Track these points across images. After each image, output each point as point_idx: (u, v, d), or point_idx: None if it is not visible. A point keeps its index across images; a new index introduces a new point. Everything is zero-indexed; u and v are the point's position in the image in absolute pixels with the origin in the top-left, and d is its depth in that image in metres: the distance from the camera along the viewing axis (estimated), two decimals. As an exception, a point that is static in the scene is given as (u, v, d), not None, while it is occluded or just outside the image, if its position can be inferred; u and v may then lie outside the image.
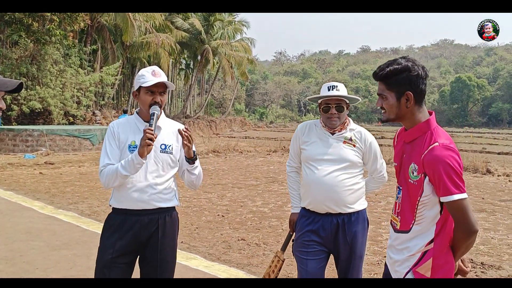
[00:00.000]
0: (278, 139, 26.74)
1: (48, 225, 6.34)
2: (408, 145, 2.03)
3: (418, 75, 1.96)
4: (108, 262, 2.46)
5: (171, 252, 2.60)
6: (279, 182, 10.83)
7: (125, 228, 2.48)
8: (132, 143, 2.51)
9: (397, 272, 2.03)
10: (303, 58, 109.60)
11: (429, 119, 2.00)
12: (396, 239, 2.06)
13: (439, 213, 1.92)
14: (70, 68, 23.54)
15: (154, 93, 2.49)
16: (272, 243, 5.62)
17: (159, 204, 2.52)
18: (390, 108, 2.01)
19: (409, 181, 1.96)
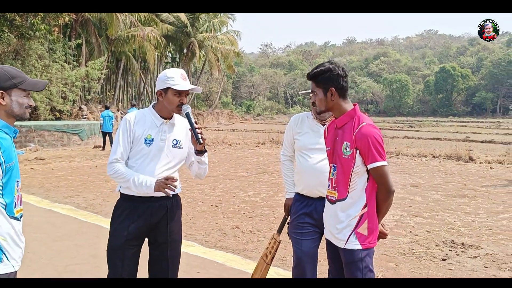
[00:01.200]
0: (266, 131, 27.00)
1: (47, 218, 6.52)
2: (339, 130, 2.50)
3: (338, 74, 2.46)
4: (122, 244, 2.67)
5: (178, 233, 2.84)
6: (269, 173, 11.10)
7: (138, 213, 2.69)
8: (148, 136, 2.70)
9: (339, 239, 2.46)
10: (289, 50, 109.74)
11: (355, 108, 2.49)
12: (334, 210, 2.49)
13: (366, 181, 2.41)
14: (55, 63, 23.40)
15: (181, 95, 2.72)
16: (265, 230, 5.88)
17: None
18: (320, 102, 2.52)
19: (343, 157, 2.43)
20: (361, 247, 2.40)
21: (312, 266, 3.11)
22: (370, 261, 2.44)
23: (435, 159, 14.34)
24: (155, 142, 2.72)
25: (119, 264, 2.68)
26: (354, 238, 2.41)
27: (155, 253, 2.78)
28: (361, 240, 2.41)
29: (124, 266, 2.68)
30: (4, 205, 2.03)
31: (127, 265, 2.68)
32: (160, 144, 2.73)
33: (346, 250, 2.43)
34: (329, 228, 2.55)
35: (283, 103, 73.28)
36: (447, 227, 6.08)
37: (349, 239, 2.42)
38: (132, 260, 2.71)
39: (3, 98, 2.07)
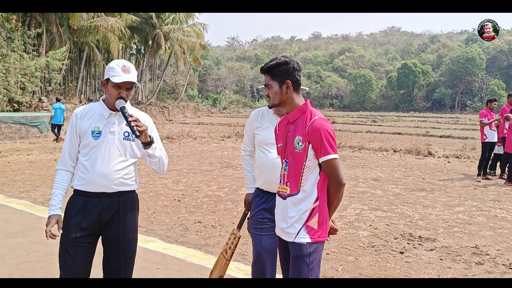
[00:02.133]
0: (232, 124, 26.92)
1: (0, 213, 6.26)
2: (291, 124, 2.49)
3: (294, 68, 2.46)
4: (72, 241, 2.59)
5: (133, 231, 2.74)
6: (234, 167, 11.07)
7: (88, 209, 2.61)
8: (96, 129, 2.63)
9: (289, 233, 2.44)
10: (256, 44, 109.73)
11: (306, 103, 2.49)
12: (285, 206, 2.47)
13: (318, 175, 2.41)
14: (13, 53, 22.48)
15: (120, 88, 2.61)
16: (228, 225, 5.86)
17: (119, 188, 2.65)
18: (275, 95, 2.49)
19: (295, 151, 2.41)
20: (311, 240, 2.40)
21: (271, 261, 3.11)
22: (318, 256, 2.43)
23: (396, 154, 14.69)
24: (103, 134, 2.63)
25: (70, 262, 2.59)
26: (304, 231, 2.40)
27: (107, 251, 2.70)
28: (310, 234, 2.40)
29: (75, 264, 2.59)
30: None
31: (78, 263, 2.59)
32: (109, 136, 2.64)
33: (295, 244, 2.42)
34: (279, 224, 2.53)
35: (249, 97, 73.33)
36: (405, 221, 6.24)
37: (299, 232, 2.41)
38: (84, 258, 2.62)
39: None
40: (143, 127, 2.52)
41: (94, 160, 2.61)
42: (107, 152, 2.62)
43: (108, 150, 2.62)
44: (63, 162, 2.73)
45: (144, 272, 4.15)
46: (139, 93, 42.26)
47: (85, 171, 2.62)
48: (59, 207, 2.67)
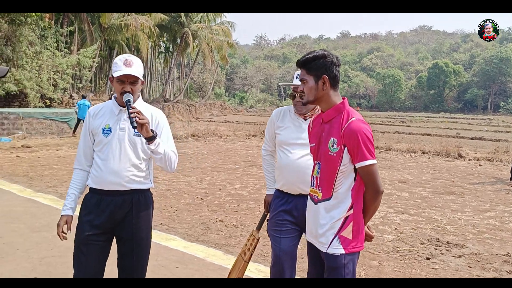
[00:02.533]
0: (258, 123, 26.88)
1: (27, 207, 6.39)
2: (326, 124, 2.32)
3: (332, 62, 2.28)
4: (85, 239, 2.57)
5: (146, 230, 2.69)
6: (258, 166, 11.01)
7: (101, 208, 2.58)
8: (106, 126, 2.60)
9: (321, 242, 2.28)
10: (284, 43, 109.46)
11: (344, 101, 2.30)
12: (317, 211, 2.31)
13: (353, 180, 2.23)
14: (46, 50, 23.07)
15: (124, 83, 2.56)
16: (249, 225, 5.80)
17: (132, 186, 2.60)
18: (310, 90, 2.30)
19: (329, 154, 2.24)
20: (345, 251, 2.23)
21: (290, 264, 3.03)
22: (353, 267, 2.27)
23: (424, 155, 14.33)
24: (113, 131, 2.60)
25: (83, 260, 2.57)
26: (337, 242, 2.24)
27: (121, 250, 2.67)
28: (344, 245, 2.23)
29: (88, 262, 2.56)
30: None
31: (91, 261, 2.57)
32: (119, 133, 2.59)
33: (329, 255, 2.26)
34: (311, 230, 2.38)
35: (276, 96, 73.19)
36: (433, 225, 6.04)
37: (332, 243, 2.24)
38: (97, 257, 2.60)
39: None
40: (144, 120, 2.42)
41: (106, 157, 2.59)
42: (117, 149, 2.58)
43: (118, 147, 2.59)
44: (78, 161, 2.74)
45: (163, 270, 4.13)
46: (166, 91, 42.71)
47: (98, 169, 2.61)
48: (70, 207, 2.66)
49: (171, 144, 2.70)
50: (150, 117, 2.67)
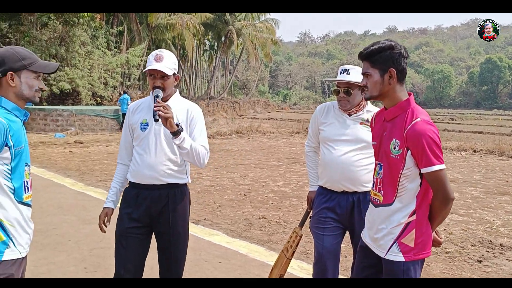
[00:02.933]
0: (301, 120, 26.74)
1: (79, 200, 6.66)
2: (388, 123, 2.13)
3: (400, 54, 2.08)
4: (124, 231, 2.63)
5: (183, 225, 2.71)
6: (301, 163, 10.94)
7: (139, 201, 2.63)
8: (144, 121, 2.65)
9: (380, 247, 2.14)
10: (328, 39, 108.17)
11: (409, 98, 2.11)
12: (377, 214, 2.16)
13: (419, 186, 2.04)
14: (97, 50, 23.95)
15: (155, 78, 2.59)
16: (292, 222, 5.78)
17: (168, 180, 2.62)
18: (374, 85, 2.11)
19: (391, 156, 2.07)
20: (404, 259, 2.06)
21: (334, 263, 2.98)
22: (414, 275, 2.09)
23: (475, 154, 13.73)
24: (150, 126, 2.63)
25: (122, 253, 2.63)
26: (396, 248, 2.08)
27: (159, 244, 2.71)
28: (404, 252, 2.06)
29: (127, 254, 2.62)
30: (12, 190, 2.01)
31: (130, 254, 2.62)
32: (155, 127, 2.62)
33: (386, 261, 2.11)
34: (369, 232, 2.24)
35: (320, 93, 72.47)
36: (484, 226, 5.78)
37: (391, 249, 2.09)
38: (137, 249, 2.64)
39: (13, 80, 2.03)
40: (168, 114, 2.40)
41: (143, 151, 2.63)
42: (153, 143, 2.62)
43: (154, 141, 2.62)
44: (120, 156, 2.82)
45: (206, 265, 4.19)
46: (211, 88, 43.29)
47: (136, 162, 2.65)
48: (111, 200, 2.74)
49: (203, 139, 2.68)
50: (186, 112, 2.68)
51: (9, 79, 2.02)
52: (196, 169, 9.62)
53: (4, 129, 1.94)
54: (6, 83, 2.02)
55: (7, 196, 1.99)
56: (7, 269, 1.98)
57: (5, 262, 1.97)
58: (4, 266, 1.97)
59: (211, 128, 19.32)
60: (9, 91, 2.04)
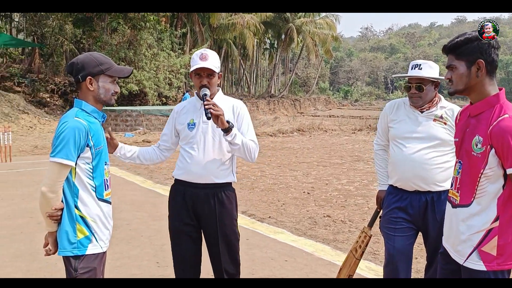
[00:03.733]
0: (363, 117, 26.15)
1: (149, 198, 6.96)
2: (473, 118, 1.98)
3: (489, 44, 1.91)
4: (177, 229, 2.69)
5: (230, 226, 2.69)
6: (365, 161, 10.71)
7: (186, 200, 2.67)
8: (191, 121, 2.69)
9: (459, 252, 1.99)
10: (391, 33, 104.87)
11: (499, 93, 1.93)
12: (454, 216, 2.02)
13: (501, 188, 1.87)
14: (162, 52, 24.86)
15: (201, 76, 2.61)
16: (358, 221, 5.67)
17: (215, 179, 2.64)
18: (459, 78, 1.95)
19: (472, 153, 1.92)
20: (486, 268, 1.88)
21: (406, 265, 2.89)
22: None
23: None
24: (197, 125, 2.66)
25: (177, 250, 2.70)
26: (476, 257, 1.90)
27: (208, 243, 2.73)
28: (486, 260, 1.88)
29: (181, 252, 2.69)
30: (94, 188, 2.14)
31: (185, 252, 2.69)
32: (203, 126, 2.65)
33: (466, 269, 1.95)
34: (448, 235, 2.09)
35: (382, 89, 70.50)
36: None
37: (470, 256, 1.92)
38: (191, 248, 2.70)
39: (91, 84, 2.16)
40: (218, 111, 2.43)
41: (192, 150, 2.65)
42: (202, 142, 2.64)
43: (203, 140, 2.64)
44: (157, 143, 2.92)
45: (273, 263, 4.22)
46: (272, 86, 43.46)
47: (184, 160, 2.68)
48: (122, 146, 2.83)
49: (251, 134, 2.70)
50: (232, 108, 2.70)
51: (88, 83, 2.15)
52: (259, 167, 9.72)
53: (85, 130, 2.07)
54: (86, 88, 2.16)
55: (89, 194, 2.13)
56: (90, 263, 2.11)
57: (88, 256, 2.11)
58: (87, 260, 2.11)
59: (272, 126, 19.41)
60: (88, 95, 2.17)
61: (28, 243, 4.74)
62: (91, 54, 2.21)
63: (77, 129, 2.04)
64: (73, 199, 2.10)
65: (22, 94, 22.47)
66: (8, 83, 23.53)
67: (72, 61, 2.18)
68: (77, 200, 2.11)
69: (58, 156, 2.02)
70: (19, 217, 5.77)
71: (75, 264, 2.09)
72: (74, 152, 2.04)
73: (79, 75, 2.14)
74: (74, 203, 2.10)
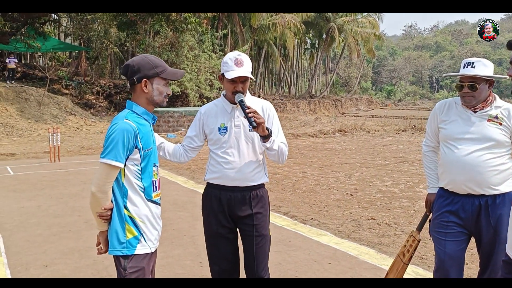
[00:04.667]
0: (408, 117, 25.46)
1: (191, 197, 7.04)
2: None
3: None
4: (214, 233, 2.69)
5: (265, 226, 2.71)
6: (410, 162, 10.41)
7: (222, 203, 2.66)
8: (222, 125, 2.65)
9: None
10: (436, 30, 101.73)
11: None
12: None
13: None
14: (203, 53, 25.17)
15: (236, 82, 2.57)
16: (404, 224, 5.50)
17: (251, 182, 2.65)
18: None
19: None
20: None
21: (457, 270, 2.76)
22: None
23: None
24: (229, 129, 2.63)
25: (215, 253, 2.70)
26: None
27: (244, 245, 2.72)
28: None
29: (220, 255, 2.69)
30: (142, 189, 2.16)
31: (223, 255, 2.69)
32: (235, 130, 2.63)
33: None
34: (510, 241, 1.99)
35: (427, 88, 68.49)
36: None
37: None
38: (229, 250, 2.70)
39: (146, 86, 2.18)
40: (261, 119, 2.43)
41: (226, 155, 2.63)
42: (235, 146, 2.63)
43: (236, 144, 2.63)
44: (183, 143, 2.85)
45: (316, 265, 4.15)
46: (312, 87, 43.13)
47: (217, 165, 2.66)
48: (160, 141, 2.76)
49: (281, 136, 2.68)
50: (261, 110, 2.67)
51: (143, 85, 2.18)
52: (301, 169, 9.64)
53: (134, 132, 2.10)
54: (140, 89, 2.19)
55: (138, 195, 2.16)
56: (138, 263, 2.14)
57: (137, 256, 2.14)
58: (136, 260, 2.13)
59: (313, 126, 19.24)
60: (141, 97, 2.20)
61: (76, 241, 4.90)
62: (146, 56, 2.22)
63: (126, 131, 2.07)
64: (123, 199, 2.14)
65: (70, 96, 23.39)
66: (56, 86, 24.59)
67: (128, 63, 2.21)
68: (126, 201, 2.14)
69: (108, 157, 2.06)
70: (67, 215, 5.97)
71: (124, 263, 2.12)
72: (123, 153, 2.07)
73: (135, 77, 2.17)
74: (123, 204, 2.14)
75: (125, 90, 27.01)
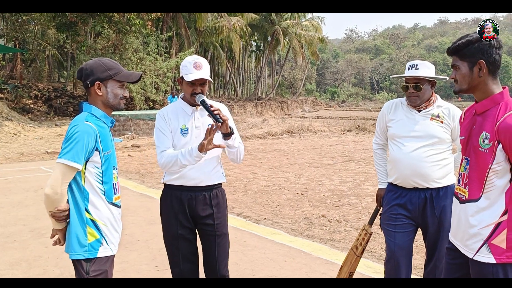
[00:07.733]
0: (352, 118, 26.36)
1: (142, 202, 6.93)
2: (479, 116, 2.04)
3: (490, 44, 1.97)
4: (175, 234, 2.70)
5: (225, 225, 2.78)
6: (356, 161, 10.80)
7: (183, 203, 2.68)
8: (183, 126, 2.68)
9: (468, 247, 2.01)
10: (375, 34, 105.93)
11: (503, 91, 1.99)
12: (463, 211, 2.05)
13: (509, 182, 1.93)
14: (148, 56, 24.75)
15: (194, 85, 2.62)
16: (353, 220, 5.72)
17: (211, 182, 2.71)
18: (463, 78, 2.04)
19: (479, 149, 1.98)
20: (495, 261, 1.91)
21: (406, 260, 2.95)
22: None
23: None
24: (190, 130, 2.68)
25: (176, 253, 2.71)
26: (486, 250, 1.94)
27: (204, 245, 2.77)
28: (495, 253, 1.92)
29: (181, 256, 2.70)
30: (103, 192, 2.15)
31: (184, 255, 2.71)
32: (196, 132, 2.68)
33: (475, 262, 1.98)
34: (455, 231, 2.12)
35: (369, 89, 71.14)
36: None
37: (480, 250, 1.96)
38: (190, 247, 2.72)
39: (100, 89, 2.17)
40: (225, 117, 2.51)
41: None
42: None
43: None
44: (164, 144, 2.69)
45: (271, 263, 4.24)
46: (258, 89, 43.54)
47: None
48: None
49: (238, 136, 2.77)
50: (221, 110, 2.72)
51: (96, 88, 2.16)
52: (251, 170, 9.73)
53: (95, 134, 2.08)
54: (95, 93, 2.18)
55: (99, 198, 2.13)
56: (101, 266, 2.12)
57: (99, 259, 2.12)
58: (99, 263, 2.11)
59: (261, 128, 19.45)
60: (97, 100, 2.19)
61: (23, 251, 4.69)
62: (100, 59, 2.22)
63: (86, 133, 2.05)
64: (84, 202, 2.11)
65: (5, 101, 22.16)
66: (-11, 90, 23.25)
67: (81, 67, 2.21)
68: (88, 204, 2.11)
69: (65, 157, 2.02)
70: (11, 225, 5.69)
71: (86, 267, 2.09)
72: (82, 155, 2.05)
73: (88, 80, 2.16)
74: (84, 207, 2.11)
75: (65, 94, 25.98)
